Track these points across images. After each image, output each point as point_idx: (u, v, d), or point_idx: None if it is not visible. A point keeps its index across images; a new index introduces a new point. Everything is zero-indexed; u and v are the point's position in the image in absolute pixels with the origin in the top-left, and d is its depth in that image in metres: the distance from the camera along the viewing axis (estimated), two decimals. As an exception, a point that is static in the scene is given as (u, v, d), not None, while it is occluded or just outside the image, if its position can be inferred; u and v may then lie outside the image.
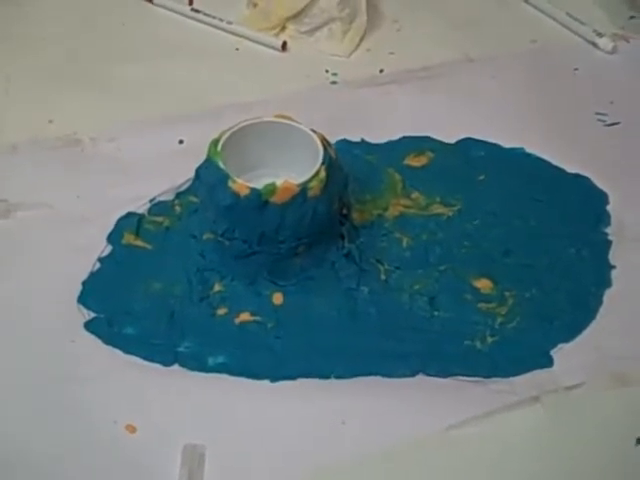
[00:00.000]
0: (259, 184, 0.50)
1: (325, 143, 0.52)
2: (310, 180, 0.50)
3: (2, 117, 0.64)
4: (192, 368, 0.49)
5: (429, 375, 0.49)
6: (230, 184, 0.49)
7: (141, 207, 0.58)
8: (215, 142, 0.51)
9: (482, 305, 0.53)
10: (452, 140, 0.64)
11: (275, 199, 0.49)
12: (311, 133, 0.52)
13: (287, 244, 0.51)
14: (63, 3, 0.76)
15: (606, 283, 0.54)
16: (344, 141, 0.62)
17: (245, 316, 0.51)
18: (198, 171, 0.53)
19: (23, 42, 0.71)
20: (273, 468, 0.45)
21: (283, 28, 0.74)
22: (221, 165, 0.50)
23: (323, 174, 0.50)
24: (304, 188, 0.49)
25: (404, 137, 0.64)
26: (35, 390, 0.48)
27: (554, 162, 0.62)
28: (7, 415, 0.47)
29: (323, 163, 0.50)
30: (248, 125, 0.53)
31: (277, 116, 0.54)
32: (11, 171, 0.60)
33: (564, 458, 0.46)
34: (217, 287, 0.52)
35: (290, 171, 0.53)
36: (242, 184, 0.49)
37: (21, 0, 0.75)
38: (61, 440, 0.46)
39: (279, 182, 0.49)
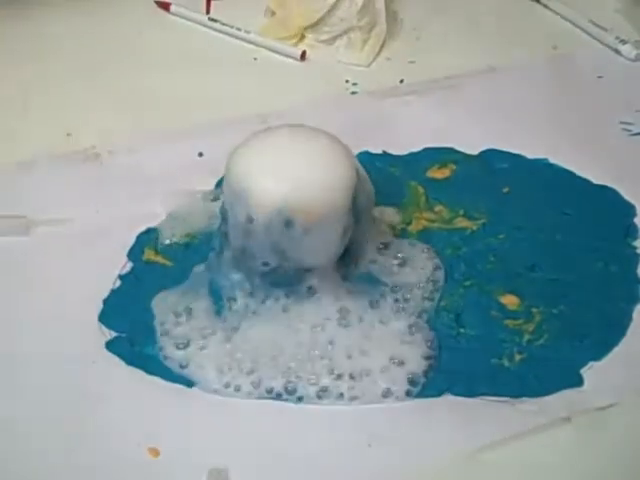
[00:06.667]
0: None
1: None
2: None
3: (20, 131, 0.63)
4: (215, 389, 0.48)
5: (455, 395, 0.48)
6: (252, 200, 0.48)
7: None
8: (236, 157, 0.51)
9: (509, 322, 0.52)
10: (475, 151, 0.63)
11: (299, 216, 0.48)
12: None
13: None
14: (78, 14, 0.75)
15: (636, 299, 0.53)
16: (366, 153, 0.61)
17: (267, 334, 0.51)
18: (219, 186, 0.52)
19: (38, 56, 0.70)
20: (298, 491, 0.45)
21: (302, 37, 0.73)
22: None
23: (350, 191, 0.49)
24: (329, 205, 0.48)
25: (426, 148, 0.63)
26: (55, 413, 0.47)
27: (579, 173, 0.61)
28: (27, 438, 0.46)
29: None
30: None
31: None
32: (30, 187, 0.59)
33: (596, 481, 0.45)
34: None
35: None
36: (264, 201, 0.48)
37: (35, 14, 0.75)
38: (82, 464, 0.45)
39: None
